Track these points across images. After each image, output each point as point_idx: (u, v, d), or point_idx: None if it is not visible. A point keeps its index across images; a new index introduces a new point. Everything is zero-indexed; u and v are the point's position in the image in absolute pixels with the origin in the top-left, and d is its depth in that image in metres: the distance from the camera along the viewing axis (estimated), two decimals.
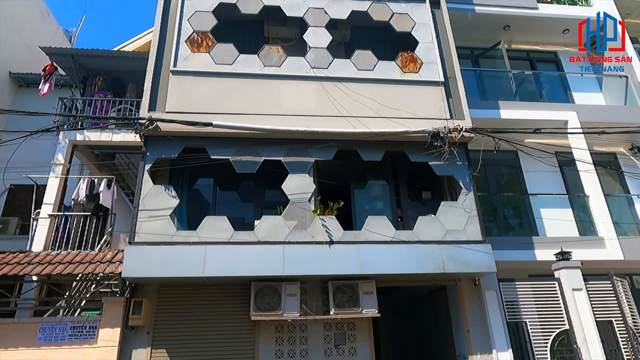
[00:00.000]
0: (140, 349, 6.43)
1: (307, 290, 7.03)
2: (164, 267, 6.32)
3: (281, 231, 6.82)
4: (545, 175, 9.42)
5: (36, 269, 6.41)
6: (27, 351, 6.11)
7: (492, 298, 7.37)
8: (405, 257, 6.82)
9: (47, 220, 7.96)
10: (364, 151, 7.53)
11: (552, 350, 7.21)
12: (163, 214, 6.72)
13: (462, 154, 7.71)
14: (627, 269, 8.74)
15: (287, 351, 6.71)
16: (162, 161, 7.27)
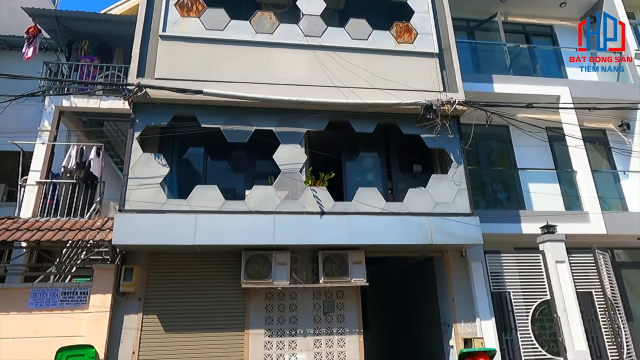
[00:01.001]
0: (132, 315, 6.52)
1: (297, 259, 7.12)
2: (154, 235, 6.33)
3: (272, 201, 6.85)
4: (535, 150, 9.51)
5: (25, 235, 6.38)
6: (18, 315, 6.16)
7: (478, 269, 7.56)
8: (395, 228, 6.92)
9: (35, 188, 7.86)
10: (357, 122, 7.49)
11: (533, 319, 7.48)
12: (153, 182, 6.67)
13: (454, 127, 7.72)
14: (610, 242, 8.99)
15: (277, 318, 6.85)
16: (152, 129, 7.17)
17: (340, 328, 6.95)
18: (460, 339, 7.10)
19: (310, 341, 6.81)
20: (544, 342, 7.38)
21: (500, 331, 7.31)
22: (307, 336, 6.83)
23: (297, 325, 6.87)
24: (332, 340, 6.88)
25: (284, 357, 6.67)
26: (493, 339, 7.13)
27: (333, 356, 6.78)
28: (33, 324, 6.17)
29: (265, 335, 6.72)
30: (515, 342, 7.31)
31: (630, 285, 9.35)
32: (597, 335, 7.51)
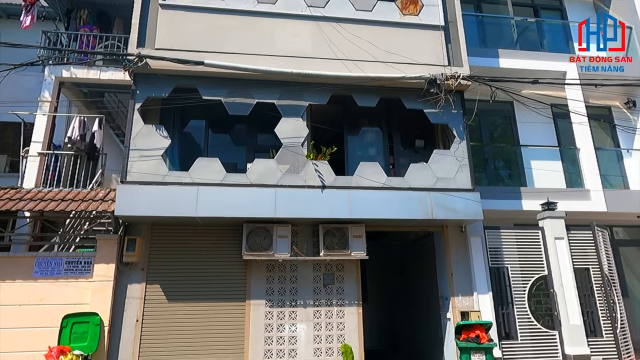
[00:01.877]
0: (135, 284, 6.64)
1: (298, 232, 7.19)
2: (156, 207, 6.38)
3: (273, 174, 6.85)
4: (539, 127, 9.43)
5: (28, 205, 6.44)
6: (24, 283, 6.28)
7: (477, 244, 7.62)
8: (395, 203, 6.94)
9: (37, 159, 7.88)
10: (359, 96, 7.41)
11: (529, 294, 7.59)
12: (154, 154, 6.67)
13: (458, 102, 7.65)
14: (609, 220, 9.05)
15: (277, 289, 6.97)
16: (153, 100, 7.13)
17: (339, 300, 7.07)
18: (457, 311, 7.23)
19: (310, 312, 6.95)
20: (540, 317, 7.51)
21: (497, 305, 7.43)
22: (307, 307, 6.96)
23: (297, 297, 6.99)
24: (331, 311, 7.01)
25: (284, 327, 6.82)
26: (490, 313, 7.26)
27: (332, 327, 6.93)
28: (39, 291, 6.30)
29: (266, 305, 6.85)
30: (512, 316, 7.44)
31: (628, 263, 9.45)
32: (592, 310, 7.64)
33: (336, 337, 6.90)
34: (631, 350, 7.67)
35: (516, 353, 7.24)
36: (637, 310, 9.21)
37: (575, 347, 7.23)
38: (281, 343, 6.74)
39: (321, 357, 6.78)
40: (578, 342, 7.26)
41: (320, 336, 6.87)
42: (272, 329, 6.78)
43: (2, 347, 6.00)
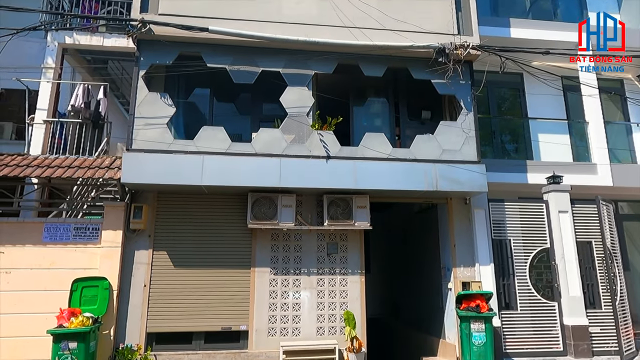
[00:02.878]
0: (142, 251, 6.77)
1: (303, 202, 7.24)
2: (162, 175, 6.42)
3: (278, 144, 6.84)
4: (548, 100, 9.27)
5: (36, 172, 6.49)
6: (34, 248, 6.42)
7: (481, 216, 7.65)
8: (400, 174, 6.94)
9: (42, 126, 7.89)
10: (366, 66, 7.29)
11: (531, 266, 7.68)
12: (159, 122, 6.66)
13: (466, 72, 7.50)
14: (615, 195, 9.01)
15: (282, 257, 7.09)
16: (157, 67, 7.06)
17: (343, 269, 7.19)
18: (458, 282, 7.33)
19: (314, 280, 7.08)
20: (540, 288, 7.62)
21: (499, 276, 7.53)
22: (310, 275, 7.08)
23: (301, 265, 7.11)
24: (334, 280, 7.14)
25: (288, 294, 6.97)
26: (491, 283, 7.36)
27: (335, 295, 7.08)
28: (48, 256, 6.44)
29: (270, 273, 6.98)
30: (512, 287, 7.55)
31: (631, 237, 9.49)
32: (593, 283, 7.73)
33: (339, 304, 7.05)
34: (629, 322, 7.80)
35: (515, 323, 7.39)
36: (637, 283, 9.31)
37: (574, 318, 7.36)
38: (285, 309, 6.91)
39: (324, 323, 6.95)
40: (577, 313, 7.38)
41: (323, 303, 7.03)
42: (276, 295, 6.93)
43: (16, 309, 6.20)
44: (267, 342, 6.72)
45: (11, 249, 6.39)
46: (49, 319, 5.89)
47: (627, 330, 7.58)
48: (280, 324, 6.85)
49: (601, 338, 7.43)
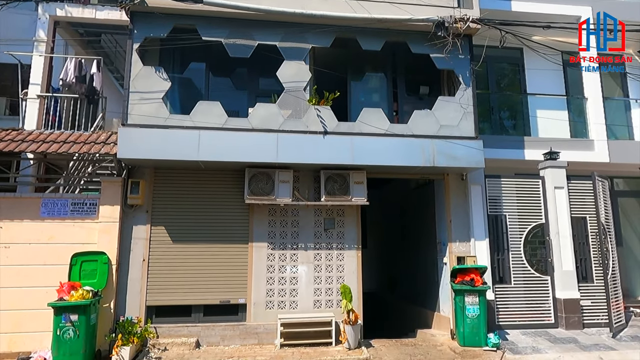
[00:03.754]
0: (140, 226, 6.80)
1: (300, 177, 7.25)
2: (158, 150, 6.39)
3: (275, 119, 6.79)
4: (548, 75, 9.18)
5: (31, 147, 6.45)
6: (32, 223, 6.44)
7: (477, 192, 7.70)
8: (397, 150, 6.93)
9: (36, 101, 7.78)
10: (364, 39, 7.17)
11: (525, 241, 7.78)
12: (155, 96, 6.58)
13: (466, 47, 7.41)
14: (611, 171, 9.06)
15: (279, 232, 7.14)
16: (151, 41, 6.93)
17: (339, 244, 7.26)
18: (454, 256, 7.43)
19: (311, 255, 7.16)
20: (534, 263, 7.74)
21: (493, 251, 7.64)
22: (308, 250, 7.16)
23: (298, 240, 7.17)
24: (331, 254, 7.22)
25: (285, 268, 7.06)
26: (485, 258, 7.47)
27: (332, 269, 7.17)
28: (47, 231, 6.47)
29: (268, 248, 7.05)
30: (507, 262, 7.67)
31: (625, 213, 9.58)
32: (586, 258, 7.85)
33: (335, 278, 7.16)
34: (619, 296, 7.96)
35: (508, 296, 7.53)
36: (629, 259, 9.46)
37: (566, 292, 7.51)
38: (283, 283, 7.01)
39: (321, 296, 7.07)
40: (569, 287, 7.53)
41: (320, 277, 7.13)
42: (274, 270, 7.02)
43: (16, 283, 6.26)
44: (265, 314, 6.85)
45: (9, 223, 6.41)
46: (50, 293, 5.96)
47: (617, 303, 7.74)
48: (278, 297, 6.96)
49: (592, 311, 7.60)
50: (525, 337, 7.02)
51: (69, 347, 5.62)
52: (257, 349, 6.46)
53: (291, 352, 6.28)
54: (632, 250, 9.56)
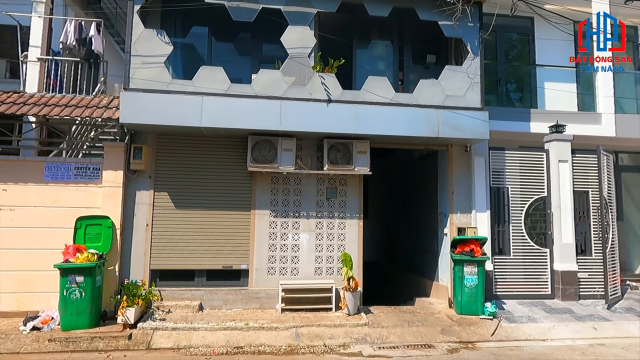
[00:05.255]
0: (143, 191, 6.84)
1: (303, 146, 7.22)
2: (161, 115, 6.34)
3: (279, 86, 6.70)
4: (558, 46, 8.93)
5: (33, 110, 6.40)
6: (36, 186, 6.48)
7: (480, 164, 7.67)
8: (402, 120, 6.86)
9: (37, 64, 7.67)
10: (371, 5, 6.97)
11: (526, 214, 7.82)
12: (157, 60, 6.47)
13: (475, 14, 7.20)
14: (616, 145, 8.98)
15: (281, 201, 7.18)
16: (153, 2, 6.75)
17: (341, 213, 7.31)
18: (454, 227, 7.49)
19: (313, 223, 7.22)
20: (534, 235, 7.80)
21: (494, 223, 7.68)
22: (309, 218, 7.22)
23: (300, 208, 7.22)
24: (333, 223, 7.28)
25: (287, 236, 7.14)
26: (486, 229, 7.53)
27: (333, 237, 7.25)
28: (51, 194, 6.52)
29: (270, 215, 7.11)
30: (507, 234, 7.73)
31: (628, 188, 9.57)
32: (586, 231, 7.90)
33: (337, 246, 7.24)
34: (617, 269, 8.05)
35: (507, 267, 7.64)
36: (629, 233, 9.52)
37: (564, 264, 7.60)
38: (284, 250, 7.10)
39: (322, 264, 7.18)
40: (567, 259, 7.61)
41: (321, 245, 7.21)
42: (276, 237, 7.10)
43: (22, 244, 6.36)
44: (267, 280, 6.98)
45: (13, 186, 6.45)
46: (56, 255, 6.06)
47: (614, 276, 7.84)
48: (280, 264, 7.07)
49: (589, 283, 7.71)
50: (521, 307, 7.16)
51: (75, 307, 5.76)
52: (258, 313, 6.61)
53: (292, 317, 6.44)
54: (632, 224, 9.60)
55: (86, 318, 5.81)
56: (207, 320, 6.17)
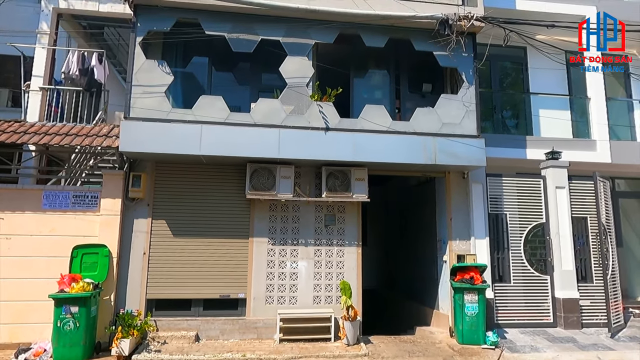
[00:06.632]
0: (141, 219, 6.82)
1: (301, 173, 7.25)
2: (160, 143, 6.39)
3: (277, 115, 6.79)
4: (551, 75, 9.13)
5: (33, 139, 6.46)
6: (34, 215, 6.46)
7: (478, 191, 7.70)
8: (399, 147, 6.92)
9: (39, 93, 7.79)
10: (367, 36, 7.15)
11: (525, 240, 7.79)
12: (157, 90, 6.58)
13: (469, 45, 7.38)
14: (612, 172, 9.06)
15: (280, 228, 7.15)
16: (154, 34, 6.93)
17: (340, 240, 7.27)
18: (454, 254, 7.44)
19: (311, 251, 7.17)
20: (534, 262, 7.75)
21: (493, 250, 7.65)
22: (308, 246, 7.17)
23: (299, 236, 7.19)
24: (331, 250, 7.23)
25: (286, 264, 7.07)
26: (485, 257, 7.48)
27: (332, 265, 7.19)
28: (48, 223, 6.49)
29: (268, 243, 7.06)
30: (506, 260, 7.68)
31: (626, 214, 9.58)
32: (586, 258, 7.86)
33: (335, 274, 7.17)
34: (619, 296, 7.96)
35: (508, 295, 7.55)
36: (630, 259, 9.47)
37: (565, 291, 7.52)
38: (282, 278, 7.02)
39: (321, 292, 7.09)
40: (568, 287, 7.54)
41: (320, 273, 7.14)
42: (274, 265, 7.04)
43: (17, 274, 6.29)
44: (265, 309, 6.87)
45: (11, 215, 6.43)
46: (50, 284, 5.97)
47: (616, 304, 7.74)
48: (278, 293, 6.98)
49: (591, 311, 7.61)
50: (523, 336, 7.03)
51: (69, 339, 5.65)
52: (256, 344, 6.48)
53: (290, 347, 6.31)
54: (632, 251, 9.56)
55: (80, 350, 5.68)
56: (204, 352, 6.04)
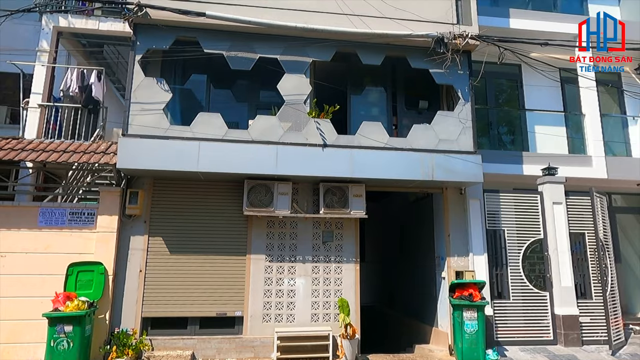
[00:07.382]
0: (138, 236, 6.78)
1: (299, 190, 7.25)
2: (158, 160, 6.39)
3: (275, 131, 6.82)
4: (545, 91, 9.25)
5: (31, 156, 6.46)
6: (29, 232, 6.41)
7: (475, 207, 7.70)
8: (396, 163, 6.95)
9: (37, 111, 7.81)
10: (364, 54, 7.25)
11: (524, 256, 7.75)
12: (156, 107, 6.61)
13: (465, 62, 7.49)
14: (609, 187, 9.08)
15: (277, 245, 7.12)
16: (153, 52, 7.00)
17: (338, 257, 7.23)
18: (452, 271, 7.40)
19: (309, 267, 7.13)
20: (532, 278, 7.70)
21: (492, 266, 7.61)
22: (306, 263, 7.13)
23: (296, 253, 7.15)
24: (329, 267, 7.19)
25: (283, 281, 7.02)
26: (484, 273, 7.44)
27: (330, 282, 7.13)
28: (44, 240, 6.44)
29: (266, 260, 7.02)
30: (505, 277, 7.64)
31: (623, 229, 9.58)
32: (585, 274, 7.83)
33: (333, 292, 7.11)
34: (619, 313, 7.91)
35: (507, 312, 7.48)
36: (628, 275, 9.43)
37: (565, 308, 7.46)
38: (280, 296, 6.96)
39: (318, 310, 7.02)
40: (568, 303, 7.49)
41: (318, 291, 7.08)
42: (271, 282, 6.98)
43: (11, 292, 6.21)
44: (262, 328, 6.79)
45: (6, 232, 6.38)
46: (45, 303, 5.91)
47: (616, 320, 7.69)
48: (275, 311, 6.90)
49: (591, 328, 7.54)
50: (524, 354, 6.96)
51: (62, 359, 5.54)
52: None
53: None
54: (630, 266, 9.53)
55: None
56: None
